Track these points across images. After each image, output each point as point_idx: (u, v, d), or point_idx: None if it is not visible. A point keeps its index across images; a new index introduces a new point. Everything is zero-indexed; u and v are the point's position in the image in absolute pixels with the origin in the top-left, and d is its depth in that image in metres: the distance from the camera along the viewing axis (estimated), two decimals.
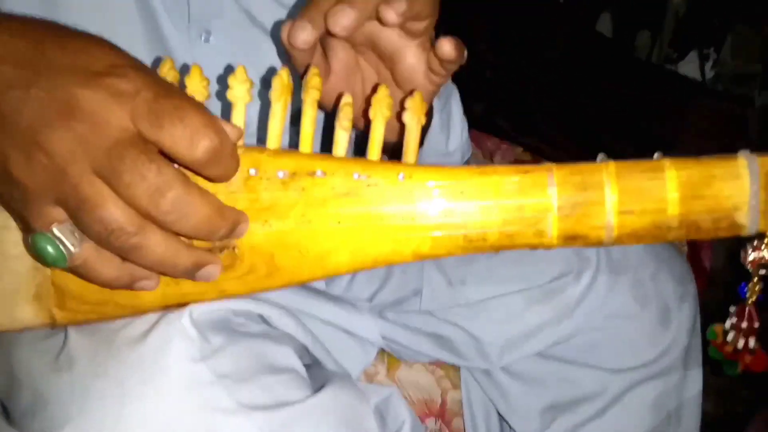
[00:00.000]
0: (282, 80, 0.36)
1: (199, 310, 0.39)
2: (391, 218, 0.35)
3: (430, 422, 0.63)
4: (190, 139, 0.31)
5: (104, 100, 0.31)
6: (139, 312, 0.39)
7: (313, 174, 0.35)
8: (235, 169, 0.34)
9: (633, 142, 0.34)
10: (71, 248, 0.33)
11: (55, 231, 0.33)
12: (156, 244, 0.33)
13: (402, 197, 0.35)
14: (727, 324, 0.36)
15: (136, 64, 0.33)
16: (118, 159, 0.31)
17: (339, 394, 0.44)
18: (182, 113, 0.31)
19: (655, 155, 0.33)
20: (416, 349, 0.59)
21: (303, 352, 0.48)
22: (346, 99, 0.36)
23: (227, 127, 0.34)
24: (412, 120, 0.36)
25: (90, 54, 0.32)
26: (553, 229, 0.34)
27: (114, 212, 0.31)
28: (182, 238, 0.34)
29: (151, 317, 0.39)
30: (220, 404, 0.37)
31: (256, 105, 0.45)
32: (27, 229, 0.35)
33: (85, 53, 0.32)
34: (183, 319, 0.39)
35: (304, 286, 0.56)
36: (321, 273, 0.36)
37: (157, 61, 0.39)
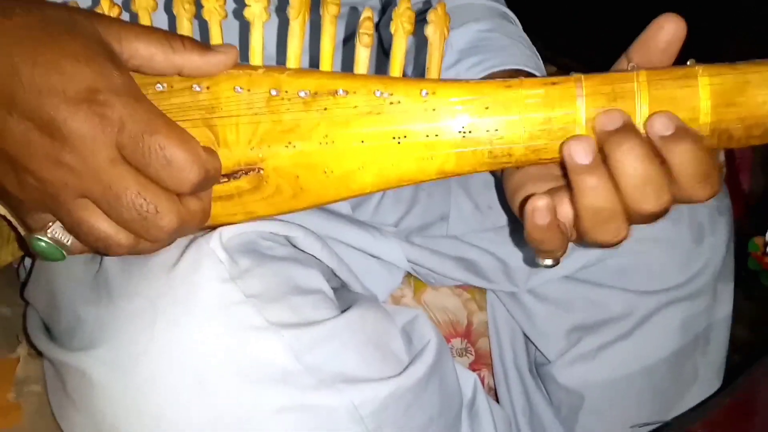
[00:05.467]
0: None
1: (227, 233, 0.40)
2: (414, 136, 0.35)
3: (456, 342, 0.64)
4: (176, 179, 0.32)
5: (90, 130, 0.31)
6: None
7: (334, 93, 0.35)
8: (217, 180, 0.36)
9: (682, 58, 0.32)
10: (67, 245, 0.35)
11: (49, 233, 0.35)
12: (150, 248, 0.36)
13: (425, 114, 0.34)
14: (767, 235, 0.36)
15: (114, 87, 0.31)
16: (115, 199, 0.32)
17: (366, 314, 0.44)
18: (167, 153, 0.32)
19: (689, 62, 0.32)
20: (442, 272, 0.60)
21: (330, 275, 0.49)
22: (366, 13, 0.35)
23: (222, 55, 0.35)
24: (435, 34, 0.35)
25: (64, 73, 0.31)
26: None
27: (108, 231, 0.33)
28: None
29: (182, 242, 0.40)
30: (249, 322, 0.38)
31: (275, 24, 0.44)
32: (26, 229, 0.36)
33: (59, 72, 0.31)
34: (212, 243, 0.39)
35: (331, 211, 0.56)
36: (346, 193, 0.36)
37: None
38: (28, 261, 0.54)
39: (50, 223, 0.35)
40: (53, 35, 0.31)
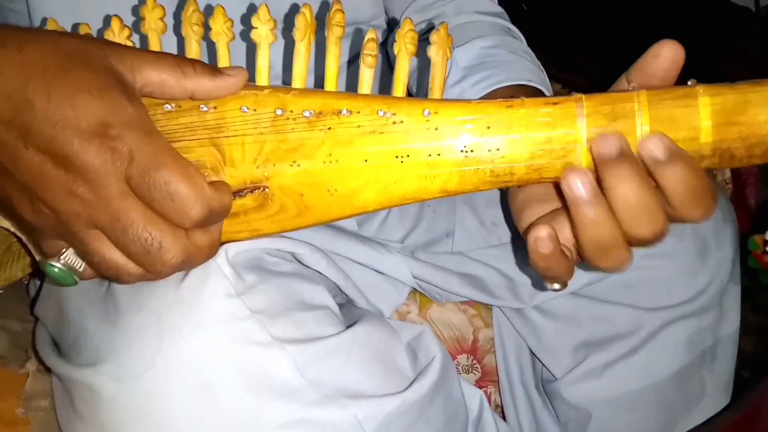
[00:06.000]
0: (305, 18, 0.36)
1: (234, 250, 0.40)
2: (417, 155, 0.35)
3: (462, 358, 0.64)
4: (179, 213, 0.33)
5: (101, 163, 0.32)
6: None
7: (338, 113, 0.35)
8: (226, 215, 0.36)
9: (681, 76, 0.32)
10: (79, 270, 0.36)
11: (63, 259, 0.35)
12: (157, 278, 0.36)
13: (428, 134, 0.35)
14: (767, 234, 0.36)
15: (126, 121, 0.32)
16: (122, 231, 0.33)
17: (371, 329, 0.45)
18: (171, 188, 0.32)
19: (689, 82, 0.32)
20: (448, 288, 0.60)
21: (335, 290, 0.49)
22: (370, 35, 0.35)
23: (232, 78, 0.35)
24: (438, 55, 0.36)
25: (77, 107, 0.31)
26: (582, 161, 0.34)
27: (119, 262, 0.34)
28: None
29: None
30: (254, 337, 0.39)
31: (281, 45, 0.44)
32: (40, 254, 0.37)
33: (73, 106, 0.31)
34: (218, 259, 0.40)
35: (336, 228, 0.57)
36: (350, 211, 0.37)
37: (183, 2, 0.39)
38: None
39: (64, 249, 0.35)
40: (66, 68, 0.32)
